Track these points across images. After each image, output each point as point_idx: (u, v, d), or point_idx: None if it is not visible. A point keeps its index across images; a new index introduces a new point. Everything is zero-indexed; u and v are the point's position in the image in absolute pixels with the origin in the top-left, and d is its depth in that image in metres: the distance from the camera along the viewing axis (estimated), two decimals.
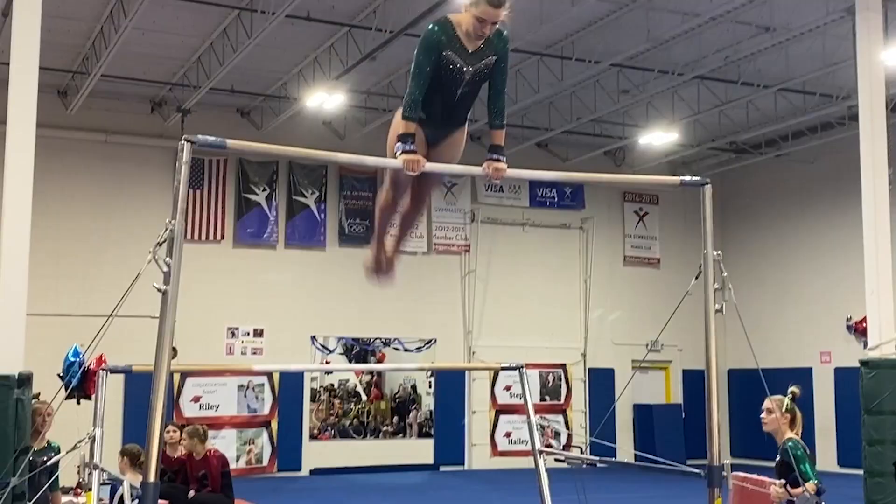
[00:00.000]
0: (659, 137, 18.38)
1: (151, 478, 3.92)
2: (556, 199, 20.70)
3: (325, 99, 15.76)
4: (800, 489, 6.25)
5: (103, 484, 5.48)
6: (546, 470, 6.35)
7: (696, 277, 5.02)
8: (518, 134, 18.98)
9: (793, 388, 6.72)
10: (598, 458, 6.82)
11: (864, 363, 10.04)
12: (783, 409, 6.60)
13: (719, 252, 4.93)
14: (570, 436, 19.82)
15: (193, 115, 16.62)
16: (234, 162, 17.96)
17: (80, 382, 7.00)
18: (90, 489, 5.13)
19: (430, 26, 4.58)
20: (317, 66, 15.24)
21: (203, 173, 17.65)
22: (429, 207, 19.46)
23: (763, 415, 6.73)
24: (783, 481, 6.41)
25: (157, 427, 4.01)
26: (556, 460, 7.26)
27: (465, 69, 4.62)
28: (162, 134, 17.17)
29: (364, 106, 17.37)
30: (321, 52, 14.91)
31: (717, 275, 4.92)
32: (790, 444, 6.51)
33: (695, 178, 5.23)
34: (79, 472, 5.78)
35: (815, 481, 6.27)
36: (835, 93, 15.86)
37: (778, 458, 6.56)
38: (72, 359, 7.51)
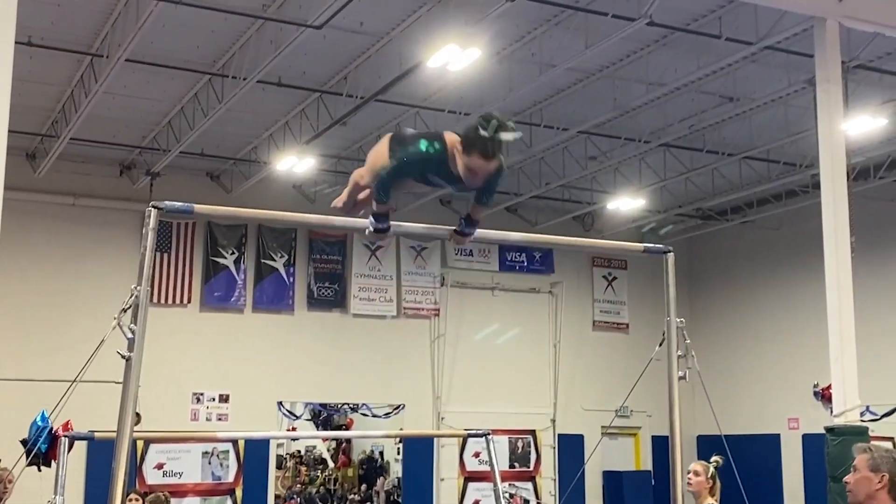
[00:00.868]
0: (626, 203, 18.60)
1: None
2: (525, 264, 20.82)
3: (296, 163, 15.85)
4: None
5: None
6: None
7: (660, 344, 5.06)
8: None
9: (716, 458, 7.13)
10: None
11: (829, 430, 10.07)
12: (708, 475, 6.98)
13: (682, 319, 4.98)
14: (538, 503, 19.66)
15: (163, 179, 16.63)
16: (202, 225, 17.93)
17: (44, 449, 6.89)
18: None
19: (423, 145, 4.33)
20: (287, 131, 15.35)
21: (171, 236, 17.59)
22: (398, 271, 19.51)
23: (690, 475, 7.05)
24: None
25: (119, 495, 3.96)
26: None
27: (450, 187, 4.52)
28: (130, 197, 17.14)
29: (334, 170, 17.46)
30: (292, 116, 15.02)
31: (680, 342, 4.95)
32: None
33: (657, 245, 5.30)
34: None
35: None
36: (798, 161, 16.16)
37: None
38: (40, 423, 7.41)
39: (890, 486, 3.77)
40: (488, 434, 6.50)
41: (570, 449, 19.86)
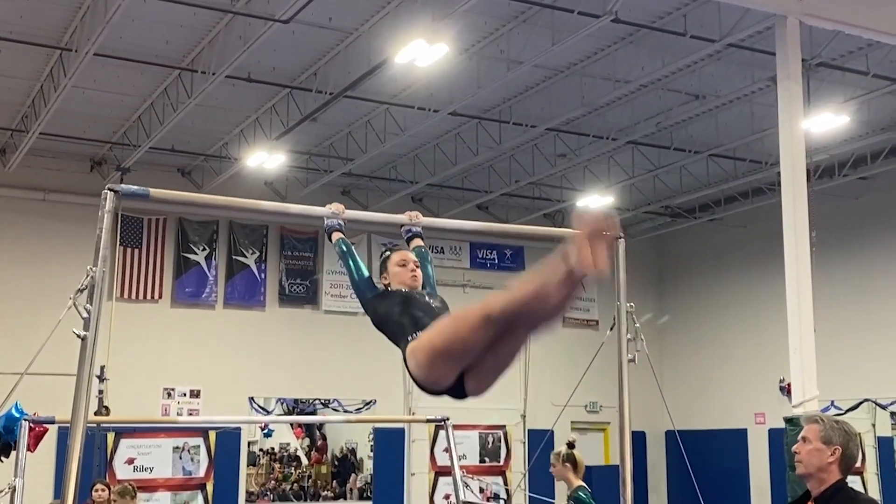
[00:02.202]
0: (596, 201, 18.76)
1: None
2: (496, 261, 20.95)
3: (266, 159, 15.89)
4: None
5: None
6: None
7: (611, 329, 5.19)
8: (459, 196, 19.27)
9: (569, 439, 7.50)
10: None
11: (788, 420, 10.25)
12: (562, 460, 7.31)
13: (632, 304, 5.10)
14: (508, 497, 19.77)
15: (133, 174, 16.60)
16: (173, 221, 17.94)
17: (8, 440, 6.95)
18: None
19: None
20: (258, 127, 15.40)
21: (142, 232, 17.60)
22: (370, 268, 19.54)
23: (551, 468, 7.50)
24: None
25: (73, 474, 4.03)
26: None
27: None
28: (100, 193, 17.04)
29: (305, 167, 17.53)
30: (262, 112, 15.08)
31: (630, 326, 5.08)
32: (581, 492, 7.15)
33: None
34: None
35: None
36: (764, 159, 16.36)
37: (570, 502, 7.15)
38: (16, 415, 7.50)
39: (841, 459, 3.70)
40: (447, 419, 6.62)
41: (541, 444, 19.97)
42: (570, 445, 7.39)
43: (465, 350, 3.42)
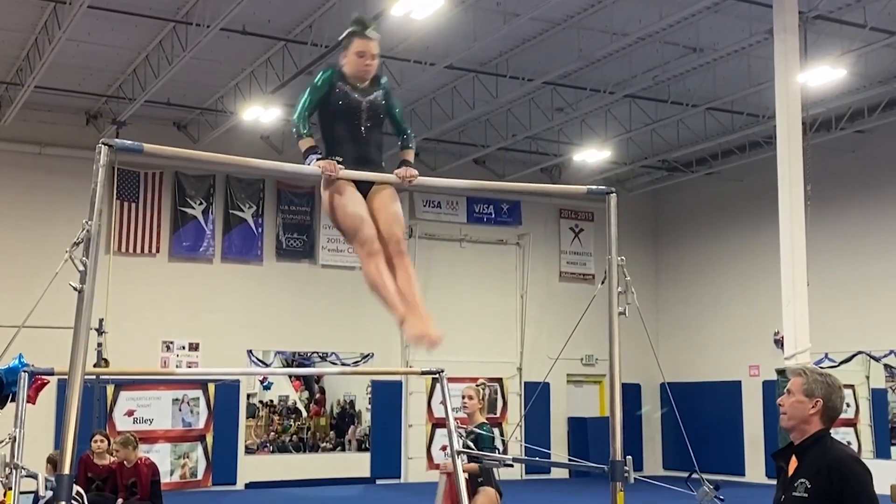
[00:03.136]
0: (593, 155, 18.75)
1: (66, 470, 4.01)
2: (493, 216, 20.98)
3: (262, 113, 15.85)
4: (475, 465, 7.45)
5: (23, 493, 5.50)
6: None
7: (602, 282, 5.24)
8: (455, 150, 19.25)
9: (482, 381, 8.12)
10: (511, 457, 7.01)
11: (780, 372, 10.38)
12: (481, 397, 7.89)
13: (623, 258, 5.15)
14: (505, 447, 19.99)
15: (129, 128, 16.58)
16: (170, 175, 17.95)
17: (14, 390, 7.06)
18: (10, 488, 5.18)
19: (323, 69, 5.10)
20: (253, 80, 15.35)
21: (139, 186, 17.61)
22: None
23: (465, 400, 7.93)
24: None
25: (73, 421, 4.10)
26: (482, 466, 7.48)
27: (360, 100, 5.03)
28: (96, 147, 17.05)
29: None
30: (257, 65, 15.02)
31: (621, 279, 5.13)
32: (486, 427, 7.72)
33: (600, 187, 5.46)
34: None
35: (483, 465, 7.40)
36: (761, 112, 16.32)
37: (472, 437, 7.59)
38: (18, 365, 7.60)
39: (823, 410, 3.77)
40: (441, 372, 6.71)
41: (536, 396, 20.19)
42: (484, 386, 8.13)
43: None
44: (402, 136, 5.23)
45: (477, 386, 7.93)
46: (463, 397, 8.00)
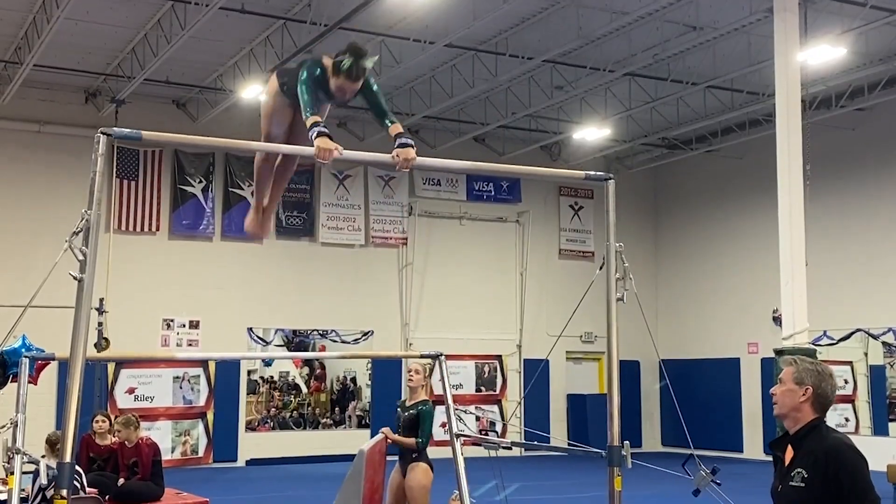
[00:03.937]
0: (592, 133, 18.72)
1: (67, 458, 4.05)
2: (492, 193, 20.98)
3: (261, 91, 15.80)
4: (412, 440, 7.59)
5: (25, 473, 5.56)
6: (478, 457, 6.67)
7: (601, 268, 5.26)
8: (455, 128, 19.23)
9: (427, 361, 7.83)
10: (509, 440, 7.05)
11: (778, 352, 10.42)
12: (425, 373, 7.80)
13: (621, 244, 5.16)
14: (504, 425, 20.11)
15: (128, 107, 16.58)
16: (169, 153, 17.94)
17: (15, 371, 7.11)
18: (13, 473, 5.23)
19: (309, 64, 4.93)
20: (252, 59, 15.31)
21: (138, 164, 17.61)
22: (366, 200, 19.65)
23: (411, 373, 7.89)
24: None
25: (74, 409, 4.14)
26: (485, 448, 7.52)
27: (329, 102, 5.09)
28: (96, 125, 16.70)
29: None
30: (256, 44, 14.97)
31: (619, 265, 5.15)
32: (429, 405, 7.72)
33: (599, 172, 5.47)
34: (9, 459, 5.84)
35: (421, 441, 7.56)
36: (761, 90, 16.29)
37: (413, 413, 7.65)
38: (20, 347, 7.67)
39: (813, 398, 3.81)
40: (441, 355, 6.75)
41: (536, 373, 20.28)
42: (429, 366, 8.03)
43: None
44: (381, 116, 4.96)
45: (424, 365, 7.89)
46: (409, 370, 7.96)
